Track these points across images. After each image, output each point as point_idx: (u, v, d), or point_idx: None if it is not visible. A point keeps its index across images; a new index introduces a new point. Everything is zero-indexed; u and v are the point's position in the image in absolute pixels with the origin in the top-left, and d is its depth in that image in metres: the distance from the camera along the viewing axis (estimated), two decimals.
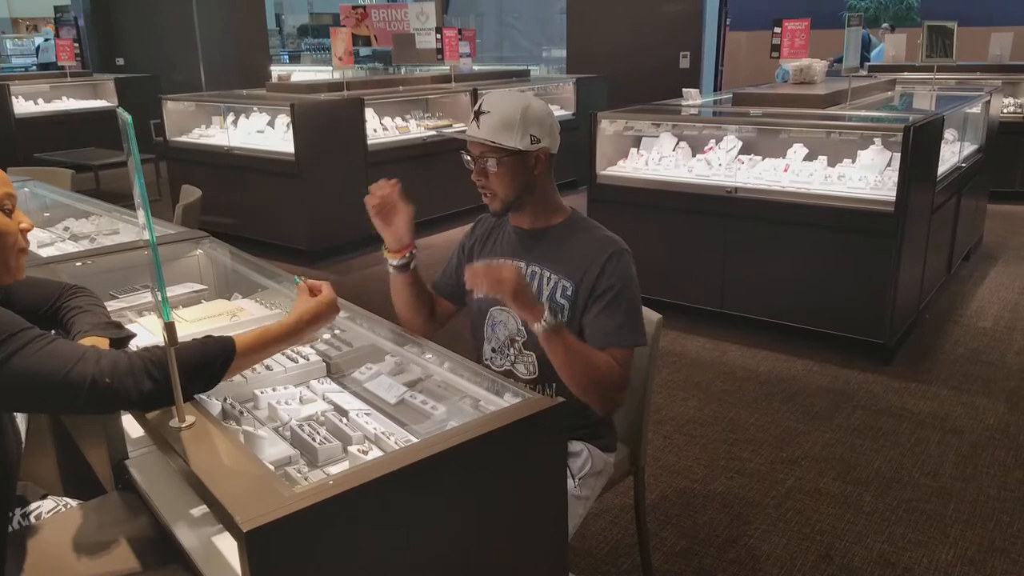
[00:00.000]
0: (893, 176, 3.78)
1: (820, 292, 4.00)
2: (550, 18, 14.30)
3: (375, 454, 1.46)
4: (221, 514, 1.16)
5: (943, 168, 4.42)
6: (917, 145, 3.70)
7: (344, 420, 1.59)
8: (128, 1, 10.95)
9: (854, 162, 4.13)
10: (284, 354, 1.87)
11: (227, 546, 1.41)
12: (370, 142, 5.96)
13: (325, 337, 1.97)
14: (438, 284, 2.10)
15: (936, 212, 4.28)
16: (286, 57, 17.06)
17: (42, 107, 8.80)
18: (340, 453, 1.51)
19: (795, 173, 4.15)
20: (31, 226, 1.59)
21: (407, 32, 9.02)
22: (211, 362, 1.43)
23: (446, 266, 2.10)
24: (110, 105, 8.99)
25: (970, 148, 5.24)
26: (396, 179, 1.88)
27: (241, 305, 2.18)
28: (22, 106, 8.53)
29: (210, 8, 10.59)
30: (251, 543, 1.09)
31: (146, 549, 1.51)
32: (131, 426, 1.69)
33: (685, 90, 5.23)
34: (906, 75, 6.77)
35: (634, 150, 4.70)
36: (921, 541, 2.59)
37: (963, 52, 5.85)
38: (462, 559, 1.37)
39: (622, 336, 1.80)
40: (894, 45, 7.79)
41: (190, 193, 3.79)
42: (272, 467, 1.39)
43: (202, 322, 2.02)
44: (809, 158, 4.26)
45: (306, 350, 1.90)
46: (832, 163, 4.16)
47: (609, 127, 4.67)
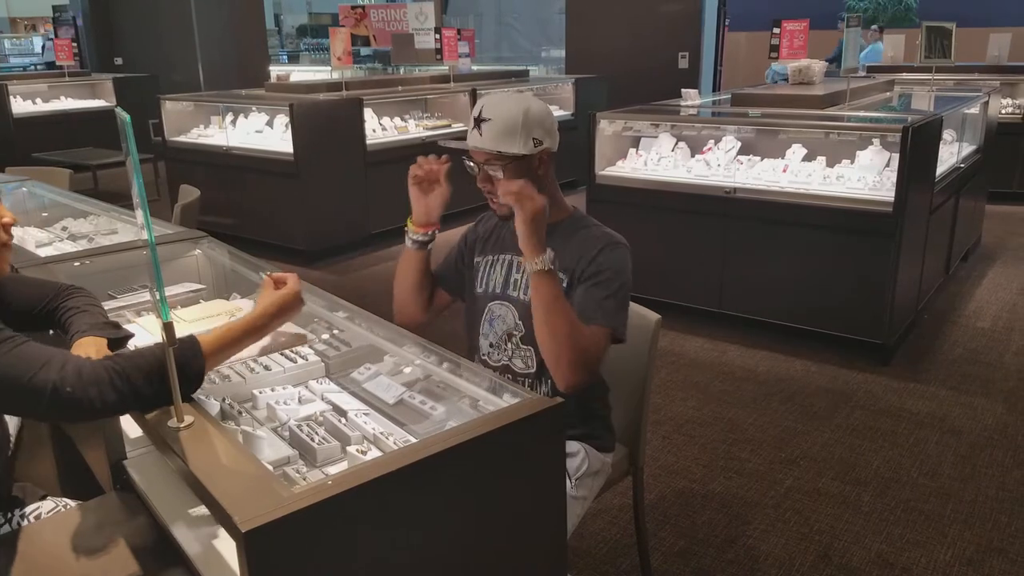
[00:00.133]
0: (892, 176, 3.78)
1: (819, 292, 4.00)
2: (549, 18, 14.29)
3: (374, 454, 1.46)
4: (220, 514, 1.16)
5: (941, 169, 4.42)
6: (916, 146, 3.71)
7: (343, 420, 1.59)
8: (127, 1, 10.94)
9: (853, 163, 4.13)
10: (283, 354, 1.87)
11: (226, 546, 1.41)
12: (369, 142, 5.96)
13: (324, 337, 1.97)
14: (438, 272, 2.10)
15: (934, 212, 4.28)
16: (285, 57, 17.05)
17: (40, 107, 8.78)
18: (339, 453, 1.51)
19: (794, 173, 4.15)
20: (14, 220, 1.59)
21: (406, 32, 9.01)
22: (182, 367, 1.41)
23: (447, 255, 2.10)
24: (108, 105, 8.98)
25: (968, 149, 5.25)
26: (447, 158, 1.87)
27: (239, 305, 2.17)
28: (20, 105, 8.52)
29: (209, 8, 10.58)
30: (250, 543, 1.09)
31: (145, 549, 1.51)
32: (129, 426, 1.69)
33: (684, 90, 5.23)
34: (904, 76, 6.77)
35: (633, 150, 4.71)
36: (919, 541, 2.60)
37: (961, 53, 5.86)
38: (461, 559, 1.37)
39: (605, 314, 1.76)
40: (893, 46, 7.79)
41: (188, 193, 3.79)
42: (271, 467, 1.39)
43: (201, 322, 2.01)
44: (808, 158, 4.26)
45: (305, 350, 1.89)
46: (831, 163, 4.16)
47: (608, 127, 4.68)
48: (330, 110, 5.86)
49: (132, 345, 1.67)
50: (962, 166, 4.90)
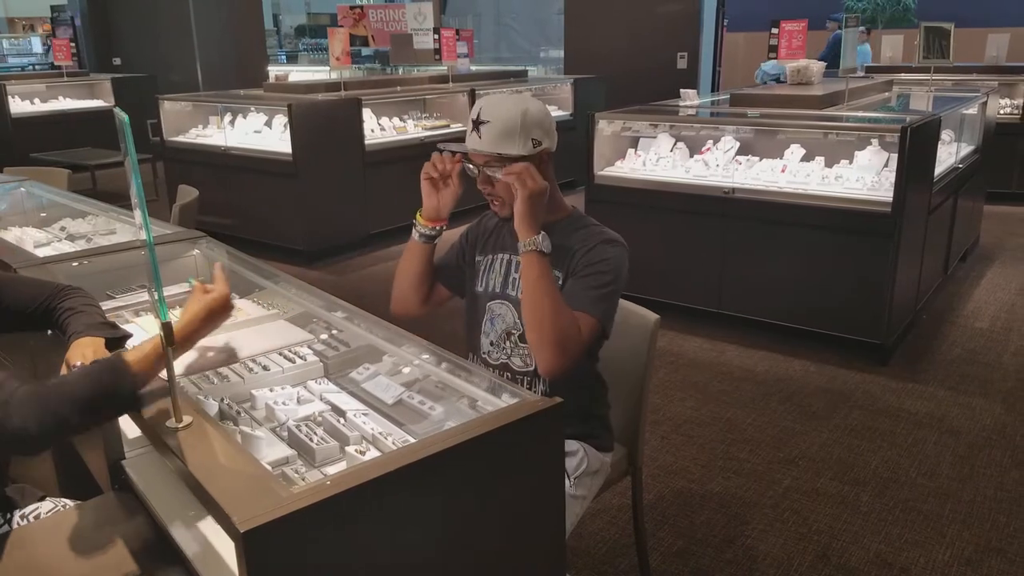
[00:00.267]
0: (890, 177, 3.79)
1: (817, 292, 4.00)
2: (548, 18, 14.30)
3: (373, 454, 1.46)
4: (218, 514, 1.15)
5: (940, 169, 4.42)
6: (914, 146, 3.71)
7: (342, 420, 1.59)
8: (125, 1, 10.94)
9: (851, 163, 4.13)
10: (281, 354, 1.87)
11: (224, 546, 1.41)
12: (367, 142, 5.95)
13: (323, 337, 1.97)
14: (438, 267, 2.11)
15: (933, 213, 4.28)
16: (283, 57, 17.06)
17: (39, 107, 8.78)
18: (337, 453, 1.51)
19: (792, 174, 4.16)
20: None
21: (405, 32, 9.01)
22: (109, 394, 1.36)
23: (448, 251, 2.11)
24: (107, 105, 8.97)
25: (967, 149, 5.25)
26: (460, 157, 1.88)
27: (238, 305, 2.17)
28: (18, 106, 8.52)
29: (207, 8, 10.58)
30: (248, 543, 1.09)
31: (143, 550, 1.51)
32: (128, 426, 1.68)
33: (683, 91, 5.23)
34: (903, 76, 6.77)
35: (632, 151, 4.71)
36: (918, 541, 2.60)
37: (960, 53, 5.86)
38: (460, 559, 1.37)
39: (592, 303, 1.77)
40: (891, 46, 7.80)
41: (187, 193, 3.78)
42: (269, 467, 1.39)
43: None
44: (806, 159, 4.26)
45: (304, 350, 1.89)
46: (829, 164, 4.16)
47: (607, 128, 4.68)
48: (329, 110, 5.86)
49: (130, 345, 1.67)
50: (960, 166, 4.90)
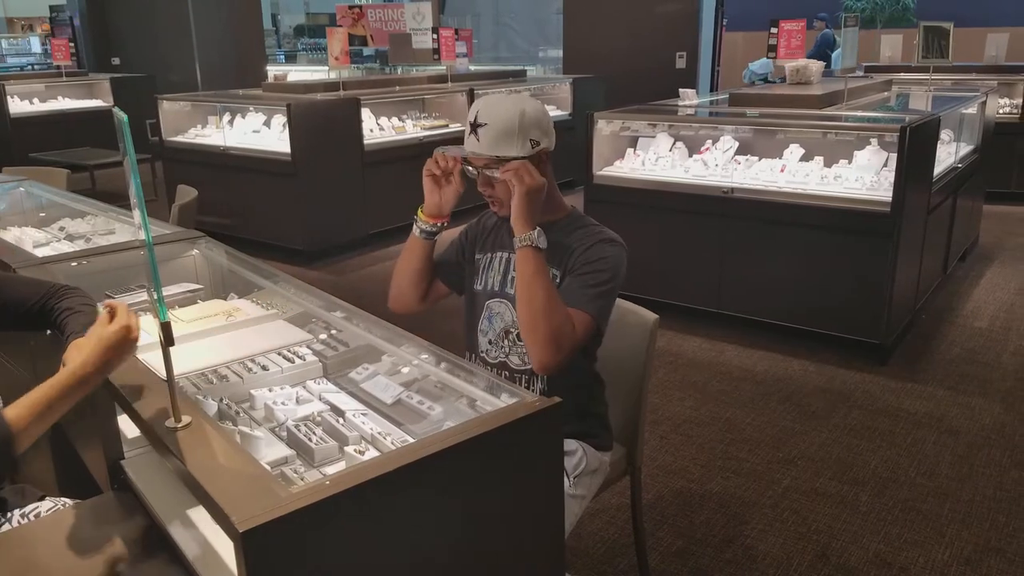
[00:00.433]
0: (889, 176, 3.79)
1: (817, 292, 4.00)
2: (547, 18, 14.29)
3: (372, 454, 1.45)
4: (217, 514, 1.15)
5: (939, 169, 4.42)
6: (913, 146, 3.71)
7: (340, 420, 1.59)
8: (124, 1, 10.93)
9: (850, 162, 4.13)
10: (280, 354, 1.86)
11: (223, 546, 1.41)
12: (366, 142, 5.95)
13: (322, 337, 1.97)
14: (437, 264, 2.11)
15: (932, 213, 4.29)
16: (282, 57, 17.05)
17: (38, 107, 8.77)
18: (336, 453, 1.50)
19: (791, 173, 4.16)
20: None
21: (403, 32, 9.01)
22: None
23: (448, 249, 2.11)
24: (106, 105, 8.96)
25: (966, 149, 5.25)
26: (459, 160, 1.88)
27: (237, 305, 2.18)
28: (17, 106, 8.51)
29: (206, 8, 10.57)
30: (247, 543, 1.08)
31: (142, 549, 1.51)
32: (127, 426, 1.68)
33: (682, 90, 5.24)
34: (902, 76, 6.78)
35: (631, 150, 4.71)
36: (917, 541, 2.60)
37: (959, 53, 5.86)
38: (459, 559, 1.37)
39: (588, 300, 1.76)
40: (890, 46, 7.80)
41: (186, 193, 3.78)
42: (268, 467, 1.39)
43: (198, 322, 2.02)
44: (806, 158, 4.26)
45: (303, 350, 1.89)
46: (828, 163, 4.16)
47: (606, 127, 4.67)
48: (328, 110, 5.86)
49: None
50: (960, 166, 4.91)
